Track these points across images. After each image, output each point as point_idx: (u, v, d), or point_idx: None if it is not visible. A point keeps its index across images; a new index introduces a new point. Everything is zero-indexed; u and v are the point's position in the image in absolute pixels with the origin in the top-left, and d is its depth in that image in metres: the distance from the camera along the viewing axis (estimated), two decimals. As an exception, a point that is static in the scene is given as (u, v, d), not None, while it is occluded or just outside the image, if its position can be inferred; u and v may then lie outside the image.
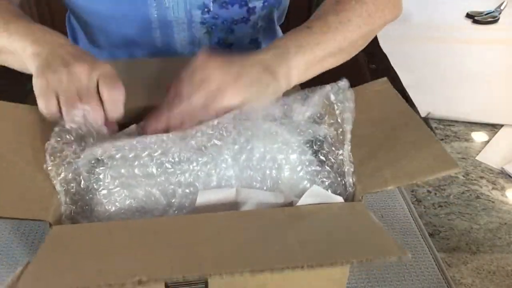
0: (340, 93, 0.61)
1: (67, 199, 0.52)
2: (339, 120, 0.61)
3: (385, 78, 0.67)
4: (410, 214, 0.73)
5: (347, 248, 0.42)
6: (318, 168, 0.57)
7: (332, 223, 0.46)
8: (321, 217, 0.47)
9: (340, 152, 0.58)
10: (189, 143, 0.57)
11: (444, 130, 0.94)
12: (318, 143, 0.62)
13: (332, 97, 0.63)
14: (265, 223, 0.45)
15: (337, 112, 0.61)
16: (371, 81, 0.68)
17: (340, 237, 0.43)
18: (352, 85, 0.70)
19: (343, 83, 0.61)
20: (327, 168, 0.58)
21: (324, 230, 0.45)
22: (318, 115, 0.67)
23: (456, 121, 0.97)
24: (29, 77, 0.54)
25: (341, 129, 0.60)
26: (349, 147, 0.58)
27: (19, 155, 0.54)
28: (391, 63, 1.14)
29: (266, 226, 0.45)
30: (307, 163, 0.57)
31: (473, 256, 0.67)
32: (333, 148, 0.61)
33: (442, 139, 0.90)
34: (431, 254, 0.66)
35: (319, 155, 0.59)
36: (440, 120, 0.97)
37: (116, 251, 0.42)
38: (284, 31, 0.87)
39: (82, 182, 0.53)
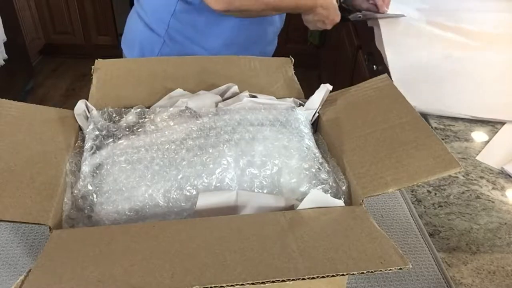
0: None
1: (69, 202, 0.52)
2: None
3: (385, 75, 0.68)
4: (410, 214, 0.73)
5: (348, 257, 0.42)
6: (318, 171, 0.57)
7: (332, 229, 0.46)
8: (322, 223, 0.47)
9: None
10: (190, 145, 0.56)
11: (444, 130, 0.94)
12: (318, 146, 0.62)
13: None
14: (266, 229, 0.45)
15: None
16: (371, 81, 0.68)
17: (341, 245, 0.43)
18: (352, 85, 0.70)
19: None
20: (327, 171, 0.58)
21: (325, 237, 0.45)
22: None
23: (456, 121, 0.96)
24: (28, 77, 0.54)
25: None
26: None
27: (18, 157, 0.53)
28: (384, 58, 1.14)
29: (266, 232, 0.45)
30: (307, 166, 0.57)
31: (473, 256, 0.66)
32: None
33: (442, 139, 0.90)
34: (431, 254, 0.66)
35: (319, 158, 0.59)
36: (440, 120, 0.97)
37: (116, 257, 0.41)
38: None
39: (84, 185, 0.53)
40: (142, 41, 1.05)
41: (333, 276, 0.40)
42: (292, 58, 0.78)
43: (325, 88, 0.66)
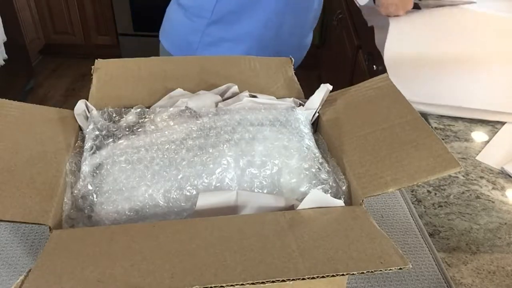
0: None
1: (69, 202, 0.52)
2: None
3: (385, 74, 0.68)
4: (410, 214, 0.73)
5: (348, 257, 0.42)
6: (318, 171, 0.57)
7: (332, 229, 0.46)
8: (322, 223, 0.47)
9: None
10: (190, 145, 0.57)
11: (444, 130, 0.94)
12: (318, 146, 0.62)
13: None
14: (266, 229, 0.45)
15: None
16: (371, 81, 0.68)
17: (341, 245, 0.43)
18: (352, 85, 0.70)
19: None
20: (327, 171, 0.58)
21: (325, 237, 0.44)
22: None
23: (456, 121, 0.96)
24: (28, 77, 0.54)
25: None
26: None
27: (18, 157, 0.53)
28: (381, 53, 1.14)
29: (266, 232, 0.45)
30: (307, 166, 0.57)
31: (473, 256, 0.67)
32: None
33: (442, 139, 0.90)
34: (431, 254, 0.66)
35: (319, 158, 0.59)
36: (440, 120, 0.97)
37: (116, 258, 0.41)
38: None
39: (84, 185, 0.53)
40: (183, 32, 1.03)
41: (333, 276, 0.40)
42: (292, 58, 0.78)
43: (325, 88, 0.66)
